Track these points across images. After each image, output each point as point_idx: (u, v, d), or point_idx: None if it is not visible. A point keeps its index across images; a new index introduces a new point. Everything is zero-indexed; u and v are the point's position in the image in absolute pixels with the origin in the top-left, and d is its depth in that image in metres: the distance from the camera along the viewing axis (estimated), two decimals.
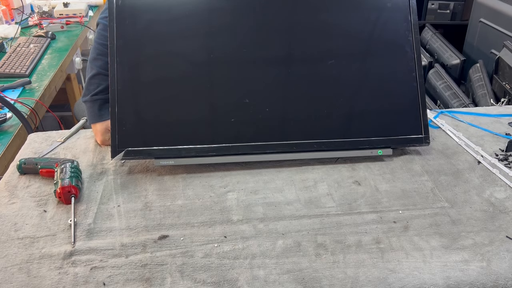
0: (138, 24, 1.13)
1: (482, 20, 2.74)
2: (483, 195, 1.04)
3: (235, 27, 1.16)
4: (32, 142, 1.25)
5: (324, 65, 1.16)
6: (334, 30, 1.18)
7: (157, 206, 1.01)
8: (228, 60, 1.14)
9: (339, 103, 1.16)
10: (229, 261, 0.86)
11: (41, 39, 2.22)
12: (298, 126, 1.14)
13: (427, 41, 3.02)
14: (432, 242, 0.90)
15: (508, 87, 2.06)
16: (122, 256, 0.87)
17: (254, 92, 1.14)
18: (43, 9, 2.60)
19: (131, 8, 1.13)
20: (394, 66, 1.18)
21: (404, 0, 1.20)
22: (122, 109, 1.09)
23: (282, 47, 1.16)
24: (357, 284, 0.82)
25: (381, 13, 1.19)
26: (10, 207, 1.00)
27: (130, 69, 1.11)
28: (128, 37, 1.12)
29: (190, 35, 1.15)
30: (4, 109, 1.56)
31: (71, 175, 1.02)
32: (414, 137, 1.16)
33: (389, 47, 1.19)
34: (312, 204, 1.01)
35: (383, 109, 1.17)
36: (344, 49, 1.18)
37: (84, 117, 1.37)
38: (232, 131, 1.11)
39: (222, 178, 1.10)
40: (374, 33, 1.19)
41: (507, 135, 1.27)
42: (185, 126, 1.11)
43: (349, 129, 1.15)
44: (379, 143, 1.14)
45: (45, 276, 0.83)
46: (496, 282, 0.82)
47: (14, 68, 1.88)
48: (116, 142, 1.08)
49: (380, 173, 1.11)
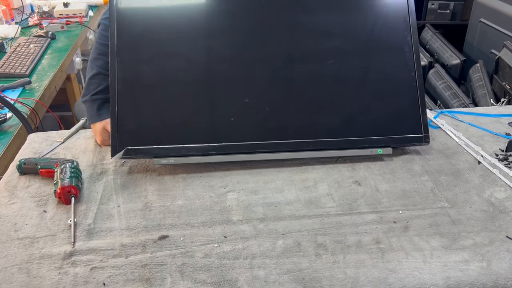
0: (138, 24, 1.13)
1: (482, 20, 2.73)
2: (483, 195, 1.04)
3: (235, 27, 1.17)
4: (32, 142, 1.25)
5: (324, 65, 1.16)
6: (333, 30, 1.19)
7: (157, 206, 1.01)
8: (228, 60, 1.15)
9: (339, 102, 1.16)
10: (229, 261, 0.86)
11: (41, 39, 2.22)
12: (298, 125, 1.14)
13: (427, 41, 3.02)
14: (432, 242, 0.90)
15: (508, 87, 2.06)
16: (122, 256, 0.87)
17: (254, 91, 1.14)
18: (43, 9, 2.60)
19: (132, 9, 1.14)
20: (393, 66, 1.19)
21: (402, 1, 1.20)
22: (122, 109, 1.09)
23: (281, 47, 1.17)
24: (357, 284, 0.82)
25: (380, 14, 1.20)
26: (10, 207, 1.00)
27: (131, 68, 1.11)
28: (129, 37, 1.12)
29: (190, 35, 1.15)
30: (4, 109, 1.56)
31: (71, 175, 1.02)
32: (414, 136, 1.16)
33: (388, 47, 1.19)
34: (312, 204, 1.01)
35: (383, 109, 1.17)
36: (344, 49, 1.18)
37: (84, 117, 1.37)
38: (232, 130, 1.11)
39: (222, 178, 1.10)
40: (373, 33, 1.19)
41: (507, 135, 1.27)
42: (184, 125, 1.11)
43: (349, 128, 1.15)
44: (379, 142, 1.14)
45: (45, 276, 0.83)
46: (496, 282, 0.82)
47: (14, 68, 1.88)
48: (116, 141, 1.08)
49: (380, 173, 1.11)
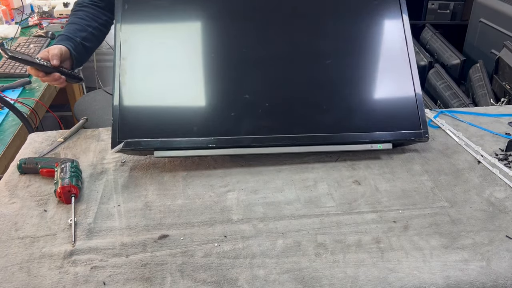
0: (141, 19, 1.15)
1: (482, 20, 2.74)
2: (483, 195, 1.04)
3: (236, 26, 1.18)
4: (32, 141, 1.25)
5: (322, 63, 1.18)
6: (332, 30, 1.21)
7: (157, 205, 1.01)
8: (229, 58, 1.16)
9: (337, 99, 1.17)
10: (229, 261, 0.86)
11: (41, 39, 2.22)
12: (297, 120, 1.14)
13: (427, 41, 3.02)
14: (432, 242, 0.90)
15: (508, 87, 2.06)
16: (122, 256, 0.87)
17: (254, 88, 1.15)
18: (43, 9, 2.61)
19: (135, 4, 1.15)
20: (390, 63, 1.20)
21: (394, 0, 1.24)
22: (123, 101, 1.10)
23: (281, 46, 1.18)
24: (357, 283, 0.82)
25: (375, 13, 1.23)
26: (10, 207, 1.00)
27: (132, 63, 1.12)
28: (131, 32, 1.14)
29: (192, 34, 1.17)
30: (4, 109, 1.57)
31: (71, 174, 1.02)
32: (413, 132, 1.16)
33: (384, 45, 1.21)
34: (312, 203, 1.01)
35: (381, 105, 1.18)
36: (341, 49, 1.20)
37: (84, 117, 1.37)
38: (232, 124, 1.12)
39: (222, 177, 1.10)
40: (370, 32, 1.21)
41: (507, 135, 1.27)
42: (185, 119, 1.12)
43: (348, 124, 1.15)
44: (379, 138, 1.15)
45: (45, 275, 0.83)
46: (496, 281, 0.82)
47: (14, 68, 1.88)
48: (117, 134, 1.09)
49: (380, 173, 1.11)
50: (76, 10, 1.42)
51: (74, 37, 1.30)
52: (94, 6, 1.43)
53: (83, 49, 1.32)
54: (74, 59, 1.28)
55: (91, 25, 1.37)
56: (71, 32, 1.32)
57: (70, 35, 1.30)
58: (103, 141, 1.24)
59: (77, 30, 1.33)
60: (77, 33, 1.32)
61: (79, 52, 1.30)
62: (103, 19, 1.42)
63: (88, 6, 1.42)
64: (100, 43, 1.44)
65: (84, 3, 1.43)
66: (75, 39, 1.30)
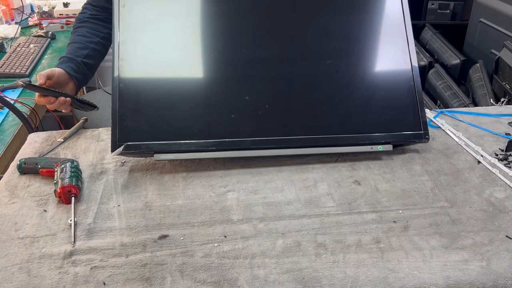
0: (140, 20, 1.14)
1: (482, 20, 2.74)
2: (483, 195, 1.04)
3: (236, 27, 1.18)
4: (32, 142, 1.25)
5: (323, 64, 1.17)
6: (332, 30, 1.20)
7: (157, 206, 1.01)
8: (228, 59, 1.16)
9: (338, 100, 1.17)
10: (229, 261, 0.86)
11: (41, 39, 2.22)
12: (298, 122, 1.14)
13: (427, 41, 3.02)
14: (432, 242, 0.90)
15: (508, 87, 2.06)
16: (122, 256, 0.87)
17: (254, 89, 1.14)
18: (43, 9, 2.61)
19: (134, 5, 1.15)
20: (390, 64, 1.20)
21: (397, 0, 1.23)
22: (122, 104, 1.10)
23: (280, 47, 1.18)
24: (357, 283, 0.82)
25: (376, 13, 1.22)
26: (10, 207, 1.00)
27: (131, 65, 1.12)
28: (130, 33, 1.13)
29: (191, 35, 1.17)
30: (4, 109, 1.57)
31: (71, 174, 1.02)
32: (413, 133, 1.16)
33: (385, 46, 1.21)
34: (312, 204, 1.01)
35: (382, 107, 1.17)
36: (341, 49, 1.19)
37: (84, 117, 1.37)
38: (232, 126, 1.12)
39: (222, 178, 1.10)
40: (370, 33, 1.21)
41: (507, 135, 1.27)
42: (185, 121, 1.12)
43: (349, 125, 1.15)
44: (379, 139, 1.15)
45: (45, 275, 0.83)
46: (496, 281, 0.82)
47: (14, 68, 1.88)
48: (116, 137, 1.08)
49: (380, 173, 1.11)
50: (77, 27, 1.41)
51: (75, 58, 1.29)
52: (94, 20, 1.42)
53: (86, 68, 1.32)
54: (76, 81, 1.28)
55: (93, 41, 1.37)
56: (72, 52, 1.31)
57: (71, 56, 1.30)
58: (103, 141, 1.24)
59: (78, 49, 1.32)
60: (78, 52, 1.31)
61: (81, 72, 1.30)
62: (104, 32, 1.41)
63: (88, 21, 1.41)
64: (103, 56, 1.43)
65: (84, 18, 1.41)
66: (76, 60, 1.29)
